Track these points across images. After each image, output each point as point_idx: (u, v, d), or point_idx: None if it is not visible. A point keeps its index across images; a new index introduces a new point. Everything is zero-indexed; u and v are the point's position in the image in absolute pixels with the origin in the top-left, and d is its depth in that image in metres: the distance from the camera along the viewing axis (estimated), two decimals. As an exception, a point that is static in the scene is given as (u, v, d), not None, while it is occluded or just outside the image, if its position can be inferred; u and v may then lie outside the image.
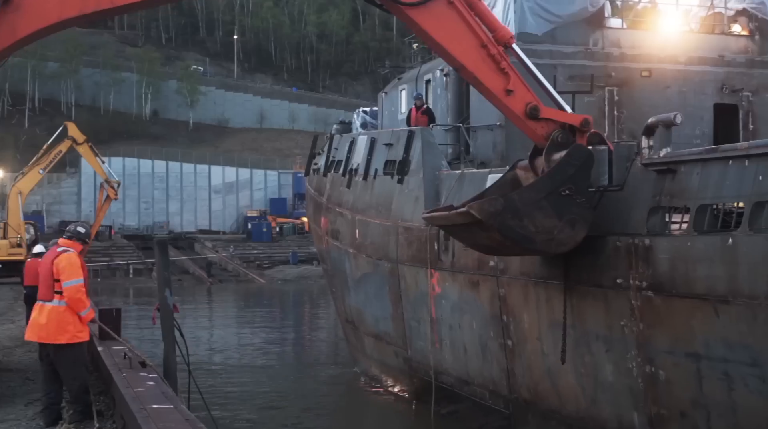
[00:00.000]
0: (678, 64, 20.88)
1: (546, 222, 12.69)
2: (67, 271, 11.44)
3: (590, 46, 20.47)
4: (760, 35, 21.58)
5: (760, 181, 10.89)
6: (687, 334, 11.77)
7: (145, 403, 10.46)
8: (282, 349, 36.55)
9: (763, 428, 10.87)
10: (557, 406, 14.88)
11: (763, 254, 10.59)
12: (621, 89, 20.42)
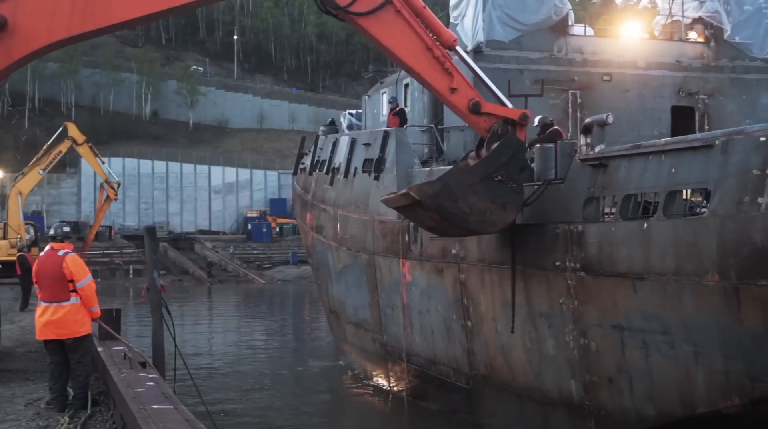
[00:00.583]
0: (637, 68, 22.49)
1: (479, 204, 14.53)
2: (79, 272, 12.70)
3: (554, 53, 22.10)
4: (715, 42, 23.20)
5: (673, 174, 12.73)
6: (612, 309, 13.62)
7: (145, 403, 10.67)
8: (274, 344, 38.01)
9: (672, 388, 12.71)
10: (509, 379, 16.74)
11: (671, 237, 12.43)
12: (583, 92, 22.06)
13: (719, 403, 11.96)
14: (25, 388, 14.86)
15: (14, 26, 13.80)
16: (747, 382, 11.50)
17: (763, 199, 11.16)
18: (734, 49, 23.35)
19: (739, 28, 23.33)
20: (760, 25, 23.44)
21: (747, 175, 11.48)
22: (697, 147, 12.46)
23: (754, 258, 11.15)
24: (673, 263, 12.33)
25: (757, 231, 11.13)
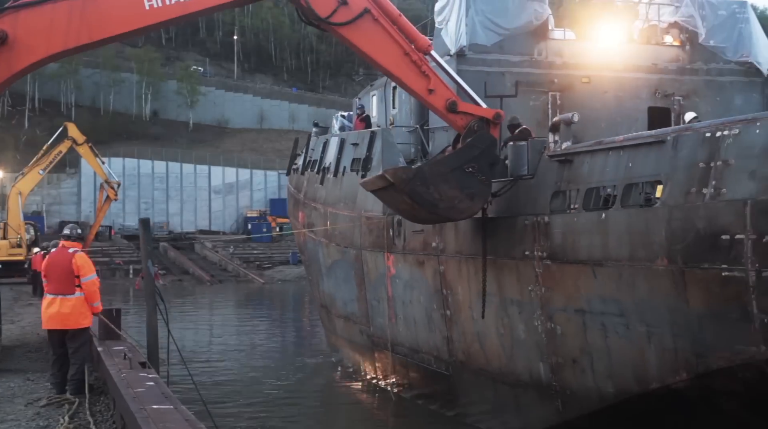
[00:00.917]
0: (615, 71, 23.34)
1: (449, 192, 15.67)
2: (85, 268, 14.07)
3: (535, 56, 23.00)
4: (690, 45, 24.14)
5: (629, 168, 13.86)
6: (575, 294, 14.75)
7: (145, 404, 10.82)
8: (270, 340, 38.85)
9: (628, 366, 13.82)
10: (485, 364, 17.86)
11: (626, 226, 13.56)
12: (563, 94, 23.00)
13: (669, 379, 13.07)
14: (25, 388, 15.19)
15: (14, 40, 14.90)
16: (693, 359, 12.61)
17: (708, 189, 12.27)
18: (709, 53, 24.24)
19: (714, 32, 24.17)
20: (733, 29, 24.31)
21: (694, 168, 12.59)
22: (651, 143, 13.59)
23: (697, 243, 12.26)
24: (627, 250, 13.46)
25: (701, 219, 12.24)
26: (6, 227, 57.24)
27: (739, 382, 12.20)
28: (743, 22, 24.30)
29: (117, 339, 16.58)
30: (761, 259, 11.42)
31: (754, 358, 11.74)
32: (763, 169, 11.65)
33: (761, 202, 11.46)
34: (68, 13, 15.15)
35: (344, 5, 16.41)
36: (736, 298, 11.77)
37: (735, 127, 12.30)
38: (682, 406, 13.25)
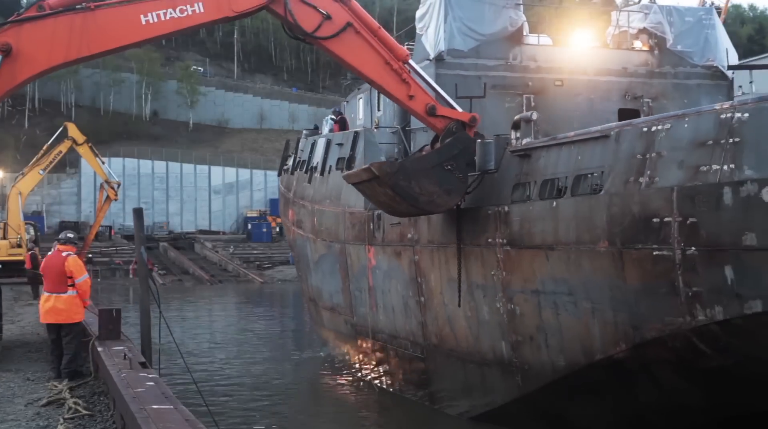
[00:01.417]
0: (587, 74, 24.72)
1: (429, 187, 17.34)
2: (76, 270, 15.99)
3: (510, 60, 24.37)
4: (658, 50, 25.59)
5: (579, 160, 15.49)
6: (531, 276, 16.38)
7: (145, 404, 11.00)
8: (264, 336, 40.28)
9: (576, 340, 15.44)
10: (455, 345, 19.48)
11: (573, 213, 15.18)
12: (537, 96, 24.37)
13: (611, 350, 14.70)
14: (25, 388, 15.49)
15: (17, 52, 16.49)
16: (630, 331, 14.23)
17: (643, 178, 13.89)
18: (676, 57, 25.66)
19: (681, 38, 25.61)
20: (700, 34, 25.77)
21: (632, 160, 14.22)
22: (597, 137, 15.23)
23: (633, 227, 13.89)
24: (575, 235, 15.10)
25: (636, 204, 13.87)
26: (6, 227, 57.79)
27: (669, 351, 13.81)
28: (709, 28, 25.81)
29: (117, 339, 17.19)
30: (686, 239, 13.04)
31: (680, 328, 13.37)
32: (690, 159, 13.26)
33: (686, 188, 13.08)
34: (69, 27, 16.76)
35: (328, 20, 18.09)
36: (665, 274, 13.39)
37: (668, 122, 13.93)
38: (623, 374, 14.85)
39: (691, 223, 12.97)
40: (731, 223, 12.54)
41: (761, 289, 12.30)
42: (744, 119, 12.76)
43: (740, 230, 12.42)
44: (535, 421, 17.38)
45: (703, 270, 12.89)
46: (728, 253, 12.58)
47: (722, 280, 12.67)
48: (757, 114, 12.71)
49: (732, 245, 12.53)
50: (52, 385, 14.97)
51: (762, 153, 12.44)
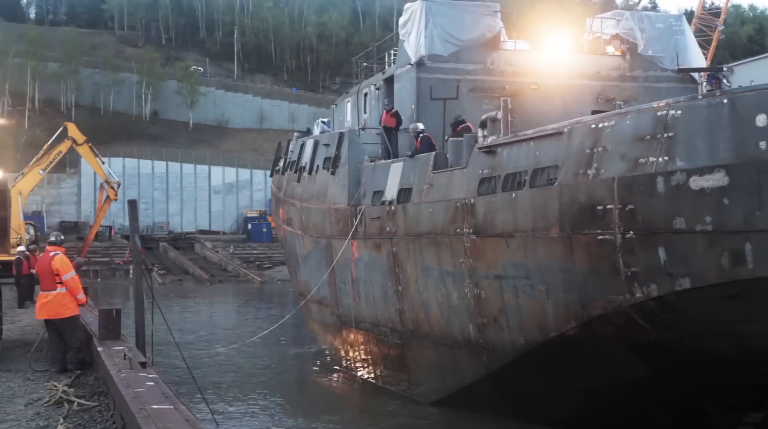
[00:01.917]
0: (562, 78, 26.29)
1: None
2: (62, 269, 16.94)
3: (488, 64, 26.02)
4: (630, 55, 27.24)
5: (537, 155, 17.11)
6: (494, 262, 18.01)
7: (145, 404, 11.09)
8: (259, 332, 41.66)
9: (534, 320, 17.06)
10: (429, 330, 21.13)
11: (530, 203, 16.81)
12: (514, 99, 25.58)
13: (563, 328, 16.32)
14: (25, 388, 15.63)
15: None
16: (579, 309, 15.86)
17: (591, 170, 15.51)
18: (647, 61, 27.34)
19: (652, 43, 27.34)
20: (670, 40, 27.47)
21: (582, 154, 15.84)
22: (553, 134, 16.85)
23: (580, 214, 15.52)
24: (531, 223, 16.74)
25: (583, 194, 15.50)
26: (4, 227, 58.35)
27: (613, 326, 15.42)
28: (679, 34, 27.54)
29: (117, 339, 17.55)
30: (625, 224, 14.67)
31: (621, 305, 14.99)
32: (630, 152, 14.89)
33: (626, 179, 14.71)
34: None
35: None
36: (607, 256, 15.02)
37: (612, 120, 15.57)
38: (575, 350, 16.46)
39: (630, 210, 14.60)
40: (664, 209, 14.15)
41: (689, 268, 13.92)
42: (677, 116, 14.38)
43: (671, 215, 14.04)
44: (502, 398, 19.01)
45: (640, 252, 14.52)
46: (661, 236, 14.20)
47: (656, 260, 14.29)
48: (688, 111, 14.33)
49: (664, 229, 14.15)
50: (52, 385, 15.22)
51: (691, 146, 14.05)
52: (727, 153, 13.66)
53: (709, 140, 13.90)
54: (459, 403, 20.68)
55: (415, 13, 25.97)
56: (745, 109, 13.67)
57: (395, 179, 22.60)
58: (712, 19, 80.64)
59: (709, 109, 14.10)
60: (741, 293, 13.66)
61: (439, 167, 20.69)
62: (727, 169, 13.55)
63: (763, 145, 13.35)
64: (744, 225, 13.37)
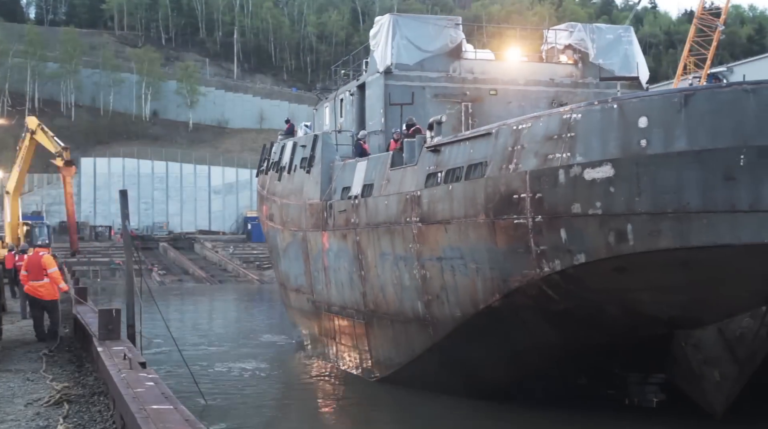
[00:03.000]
0: (518, 85, 29.51)
1: None
2: (49, 265, 22.26)
3: (450, 73, 29.25)
4: (582, 63, 30.53)
5: (471, 153, 20.45)
6: (435, 246, 21.36)
7: (144, 404, 11.33)
8: (252, 327, 45.01)
9: (467, 295, 20.39)
10: (386, 309, 24.49)
11: (463, 193, 20.15)
12: (474, 104, 29.10)
13: (489, 300, 19.66)
14: (25, 388, 16.01)
15: None
16: (501, 283, 19.19)
17: (511, 165, 18.83)
18: (598, 69, 30.68)
19: (602, 53, 30.67)
20: (619, 50, 30.80)
21: (505, 151, 19.16)
22: (483, 135, 20.19)
23: (501, 202, 18.84)
24: (463, 211, 20.09)
25: (503, 185, 18.82)
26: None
27: (528, 297, 18.75)
28: (627, 44, 31.00)
29: (117, 339, 18.40)
30: (535, 209, 17.99)
31: (533, 279, 18.32)
32: (541, 149, 18.21)
33: (536, 171, 18.04)
34: None
35: None
36: (522, 237, 18.36)
37: (529, 122, 18.90)
38: (500, 319, 19.78)
39: (539, 198, 17.93)
40: (564, 197, 17.49)
41: (584, 245, 17.25)
42: (578, 119, 17.72)
43: (570, 201, 17.38)
44: (446, 366, 22.34)
45: (546, 233, 17.85)
46: (562, 219, 17.53)
47: (559, 239, 17.62)
48: (586, 115, 17.65)
49: (565, 213, 17.48)
50: (52, 387, 15.88)
51: (587, 144, 17.38)
52: (614, 149, 17.00)
53: (601, 139, 17.24)
54: (411, 378, 23.96)
55: (383, 26, 29.30)
56: (631, 113, 17.00)
57: (360, 176, 26.00)
58: (712, 19, 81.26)
59: (603, 112, 17.43)
60: (625, 266, 16.99)
61: (395, 165, 24.09)
62: (613, 162, 16.88)
63: (643, 142, 16.67)
64: (626, 209, 16.71)
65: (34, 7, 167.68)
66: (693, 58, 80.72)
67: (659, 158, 16.48)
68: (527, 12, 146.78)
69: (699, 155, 16.19)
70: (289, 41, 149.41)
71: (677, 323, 17.85)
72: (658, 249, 16.53)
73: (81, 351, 20.49)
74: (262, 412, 23.91)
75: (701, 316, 17.55)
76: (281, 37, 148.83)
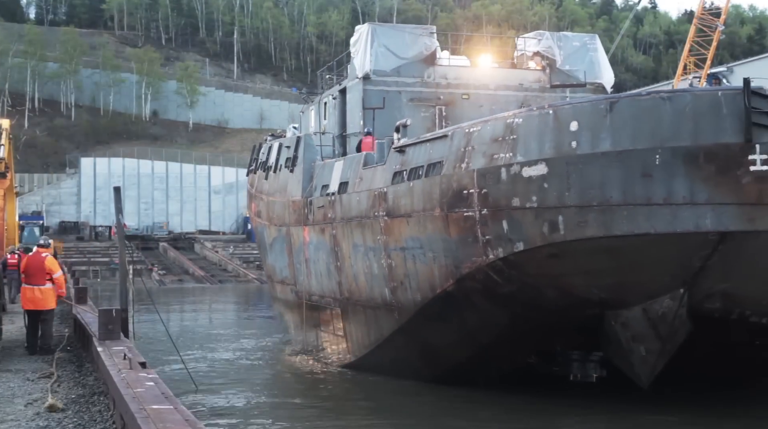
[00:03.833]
0: (489, 89, 32.14)
1: None
2: (54, 268, 21.63)
3: (425, 78, 31.95)
4: (549, 70, 33.27)
5: (431, 153, 23.24)
6: (399, 237, 24.16)
7: (144, 404, 11.50)
8: (249, 326, 47.46)
9: (426, 281, 23.17)
10: (359, 297, 27.28)
11: (422, 190, 22.93)
12: (447, 107, 31.76)
13: (444, 285, 22.42)
14: (25, 388, 16.23)
15: None
16: (454, 269, 21.96)
17: (463, 164, 21.61)
18: (565, 75, 33.28)
19: (568, 60, 33.34)
20: (585, 57, 33.49)
21: (459, 152, 21.94)
22: (441, 137, 22.98)
23: (454, 197, 21.62)
24: (422, 205, 22.89)
25: (456, 182, 21.60)
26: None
27: (477, 282, 21.51)
28: (593, 51, 33.76)
29: (117, 339, 18.78)
30: (481, 203, 20.76)
31: (480, 265, 21.09)
32: (488, 150, 20.97)
33: (482, 170, 20.81)
34: None
35: None
36: (470, 228, 21.12)
37: (479, 125, 21.68)
38: (454, 302, 22.55)
39: (484, 193, 20.70)
40: (506, 192, 20.25)
41: (522, 234, 20.01)
42: (519, 123, 20.50)
43: (510, 196, 20.14)
44: (410, 346, 25.10)
45: (491, 224, 20.61)
46: (504, 212, 20.30)
47: (501, 230, 20.38)
48: (526, 119, 20.42)
49: (506, 206, 20.24)
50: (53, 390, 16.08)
51: (527, 145, 20.13)
52: (548, 150, 19.76)
53: (538, 141, 20.01)
54: (381, 359, 26.71)
55: (363, 34, 32.11)
56: (564, 117, 19.75)
57: (337, 174, 28.79)
58: (712, 19, 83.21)
59: (540, 117, 20.19)
60: (558, 252, 19.75)
61: (367, 164, 26.86)
62: (547, 161, 19.65)
63: (573, 144, 19.43)
64: (557, 202, 19.47)
65: (34, 7, 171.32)
66: (693, 58, 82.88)
67: (586, 158, 19.20)
68: (527, 12, 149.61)
69: (620, 155, 18.90)
70: (289, 41, 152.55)
71: (607, 304, 20.52)
72: (585, 237, 19.25)
73: (81, 351, 21.37)
74: (260, 411, 24.42)
75: (627, 297, 20.23)
76: (281, 37, 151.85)
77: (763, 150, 18.33)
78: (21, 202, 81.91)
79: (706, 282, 19.34)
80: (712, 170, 18.41)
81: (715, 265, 18.93)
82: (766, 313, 20.01)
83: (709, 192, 18.40)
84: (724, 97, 18.85)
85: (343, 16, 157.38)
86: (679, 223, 18.54)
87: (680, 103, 18.87)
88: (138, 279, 71.96)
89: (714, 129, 18.58)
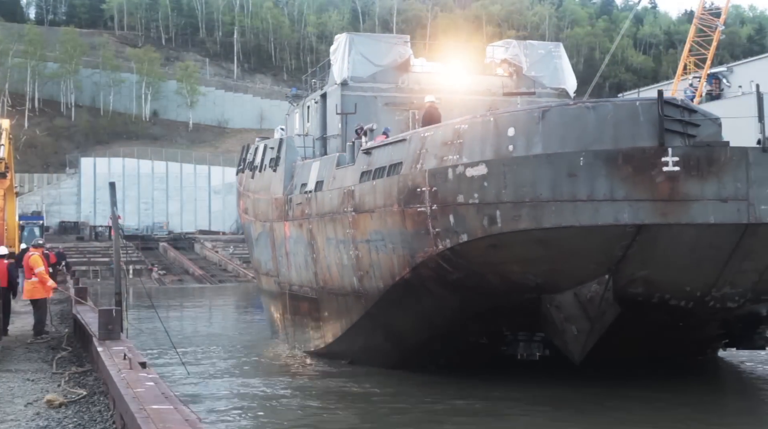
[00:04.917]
0: (459, 94, 35.02)
1: None
2: (36, 264, 25.39)
3: (399, 84, 35.14)
4: (516, 76, 36.46)
5: (392, 155, 26.61)
6: (365, 231, 27.52)
7: (144, 404, 11.66)
8: (245, 325, 50.11)
9: (388, 270, 26.51)
10: (332, 286, 30.65)
11: (383, 187, 26.27)
12: (420, 111, 34.97)
13: (402, 273, 25.75)
14: (25, 388, 16.53)
15: None
16: (410, 259, 25.29)
17: (419, 165, 24.96)
18: (530, 81, 36.44)
19: (534, 66, 36.51)
20: (550, 64, 36.65)
21: (415, 154, 25.28)
22: (401, 140, 26.36)
23: (409, 194, 24.97)
24: (383, 201, 26.27)
25: (411, 181, 24.95)
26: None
27: (430, 270, 24.83)
28: (557, 59, 37.00)
29: (117, 339, 19.25)
30: (432, 200, 24.10)
31: (432, 254, 24.41)
32: (439, 153, 24.30)
33: (433, 170, 24.16)
34: None
35: None
36: (423, 222, 24.46)
37: (432, 130, 25.04)
38: (411, 289, 25.88)
39: (435, 190, 24.03)
40: (452, 190, 23.58)
41: (466, 227, 23.31)
42: (465, 128, 23.85)
43: (456, 193, 23.48)
44: (376, 330, 28.44)
45: (440, 218, 23.92)
46: (451, 207, 23.63)
47: (449, 223, 23.70)
48: (471, 125, 23.77)
49: (452, 202, 23.58)
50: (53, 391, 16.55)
51: (471, 148, 23.47)
52: (488, 153, 23.09)
53: (480, 144, 23.36)
54: (351, 344, 30.02)
55: (341, 43, 35.46)
56: (503, 124, 23.10)
57: (314, 174, 32.15)
58: (712, 19, 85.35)
59: (483, 124, 23.54)
60: (496, 243, 23.06)
61: (340, 164, 30.23)
62: (487, 163, 22.98)
63: (510, 147, 22.76)
64: (495, 199, 22.78)
65: (34, 7, 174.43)
66: (693, 58, 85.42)
67: (521, 160, 22.50)
68: (527, 12, 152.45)
69: (550, 157, 22.18)
70: (289, 41, 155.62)
71: (542, 289, 23.71)
72: (519, 229, 22.52)
73: (81, 351, 21.95)
74: (259, 409, 24.74)
75: (559, 283, 23.44)
76: (281, 37, 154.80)
77: (674, 153, 21.62)
78: (21, 202, 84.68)
79: (628, 269, 22.50)
80: (629, 170, 21.65)
81: (635, 254, 22.11)
82: (684, 296, 23.23)
83: (627, 190, 21.62)
84: (641, 106, 22.19)
85: (343, 16, 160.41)
86: (601, 217, 21.76)
87: (603, 112, 22.19)
88: (138, 279, 74.61)
89: (632, 134, 21.89)
